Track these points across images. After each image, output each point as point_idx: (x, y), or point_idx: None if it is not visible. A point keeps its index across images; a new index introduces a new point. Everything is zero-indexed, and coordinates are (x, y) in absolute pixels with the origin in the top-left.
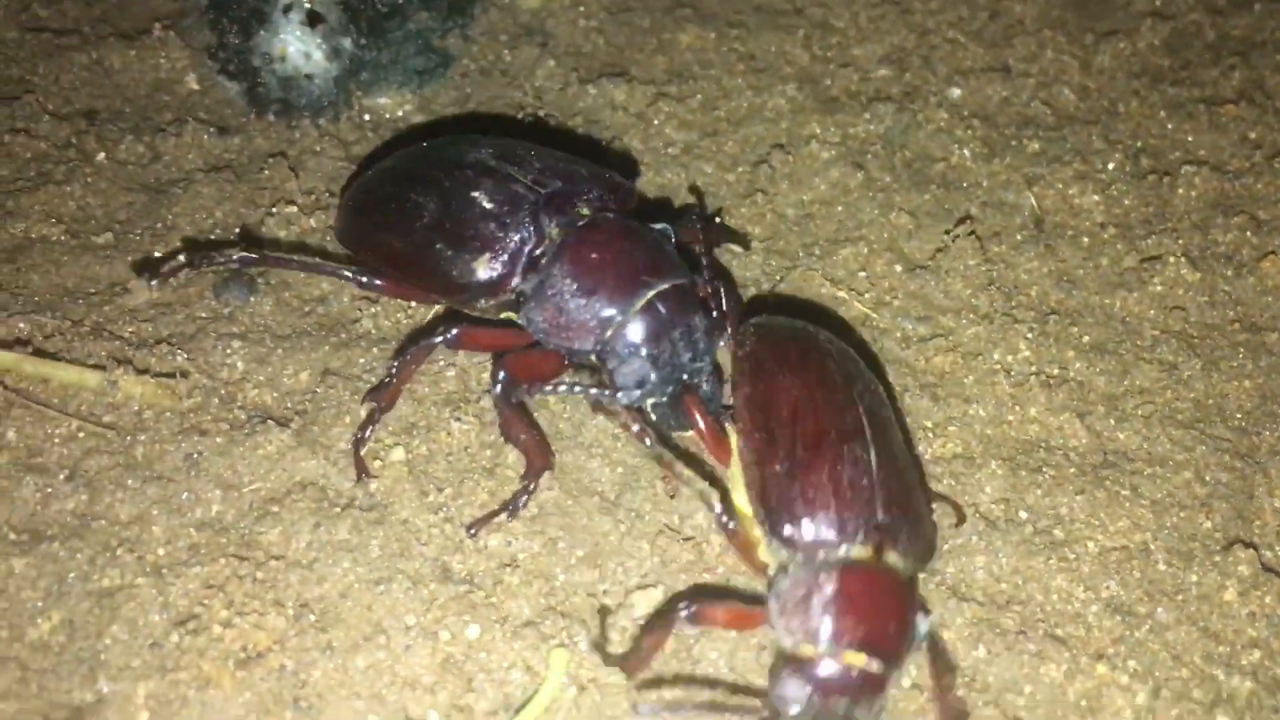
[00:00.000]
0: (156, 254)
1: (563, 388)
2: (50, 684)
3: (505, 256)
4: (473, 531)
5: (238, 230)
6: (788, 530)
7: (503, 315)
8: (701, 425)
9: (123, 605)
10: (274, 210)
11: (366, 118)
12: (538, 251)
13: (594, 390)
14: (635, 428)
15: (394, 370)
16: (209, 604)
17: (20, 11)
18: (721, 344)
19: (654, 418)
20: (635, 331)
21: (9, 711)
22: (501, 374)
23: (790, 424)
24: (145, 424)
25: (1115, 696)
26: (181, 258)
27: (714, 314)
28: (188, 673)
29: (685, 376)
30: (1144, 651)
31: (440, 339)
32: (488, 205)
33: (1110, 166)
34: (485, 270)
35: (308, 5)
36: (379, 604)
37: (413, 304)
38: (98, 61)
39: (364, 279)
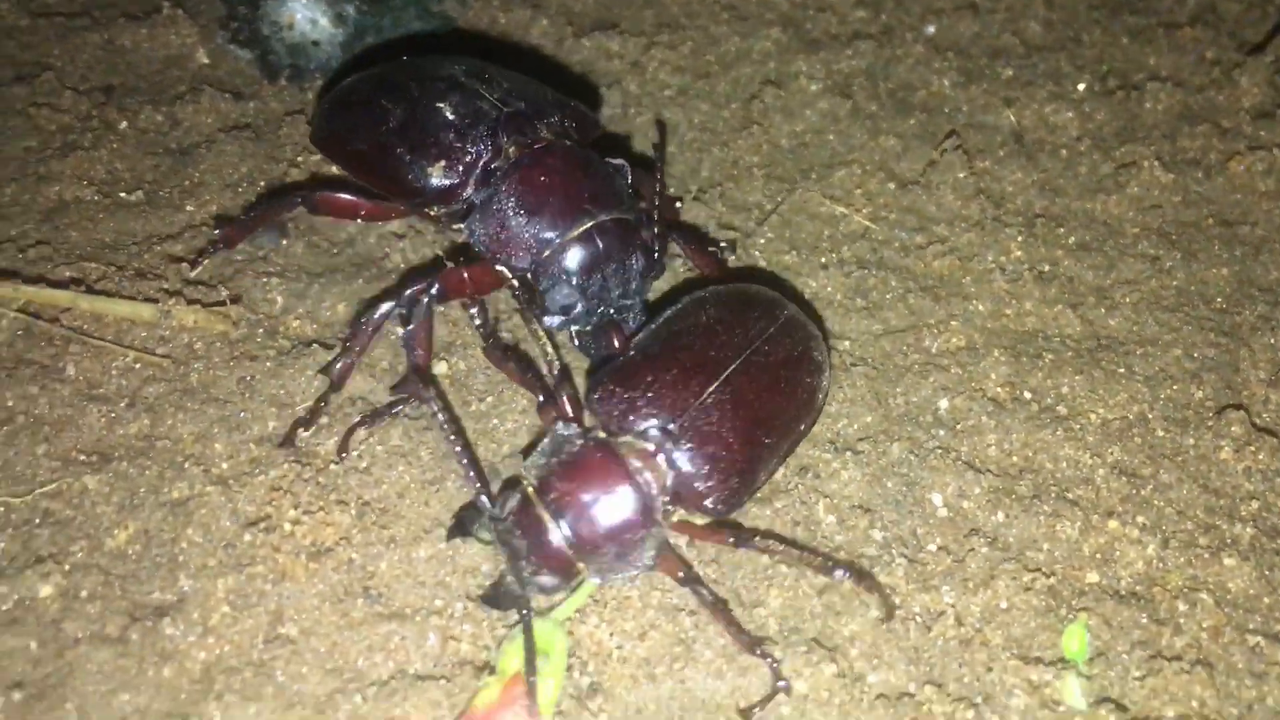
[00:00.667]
0: (188, 208)
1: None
2: (132, 587)
3: (460, 166)
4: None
5: (262, 185)
6: (595, 403)
7: (453, 227)
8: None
9: (195, 512)
10: (298, 161)
11: None
12: (493, 165)
13: (521, 309)
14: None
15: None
16: (277, 505)
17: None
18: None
19: (576, 343)
20: (569, 257)
21: (97, 610)
22: (436, 287)
23: (666, 338)
24: (197, 353)
25: (1128, 549)
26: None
27: (654, 256)
28: (264, 566)
29: (612, 311)
30: (1150, 508)
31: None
32: (450, 116)
33: (1080, 87)
34: (440, 177)
35: None
36: (435, 501)
37: (391, 226)
38: (110, 41)
39: (312, 199)
